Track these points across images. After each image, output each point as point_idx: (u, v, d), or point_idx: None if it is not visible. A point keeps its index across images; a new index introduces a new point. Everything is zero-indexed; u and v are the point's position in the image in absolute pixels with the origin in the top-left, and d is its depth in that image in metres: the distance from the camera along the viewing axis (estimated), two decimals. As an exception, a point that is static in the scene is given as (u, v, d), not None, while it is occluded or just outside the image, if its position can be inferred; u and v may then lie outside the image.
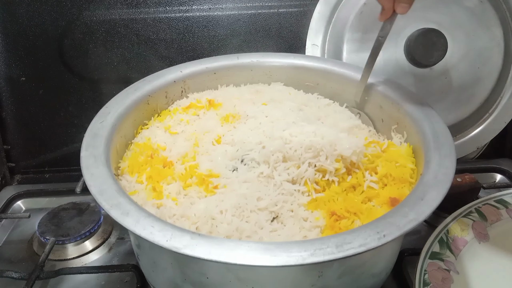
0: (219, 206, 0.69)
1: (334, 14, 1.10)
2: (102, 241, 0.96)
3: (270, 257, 0.54)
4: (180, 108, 0.93)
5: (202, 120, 0.89)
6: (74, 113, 1.18)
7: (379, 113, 0.92)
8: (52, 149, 1.20)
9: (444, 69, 1.05)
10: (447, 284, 0.74)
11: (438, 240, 0.81)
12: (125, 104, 0.86)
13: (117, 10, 1.13)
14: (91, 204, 1.01)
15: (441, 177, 0.67)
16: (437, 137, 0.76)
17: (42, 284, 0.86)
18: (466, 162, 1.19)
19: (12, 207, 1.10)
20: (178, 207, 0.70)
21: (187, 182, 0.75)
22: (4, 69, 1.14)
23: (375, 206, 0.74)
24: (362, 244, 0.56)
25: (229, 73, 1.01)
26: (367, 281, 0.70)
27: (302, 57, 1.05)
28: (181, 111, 0.92)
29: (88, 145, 0.74)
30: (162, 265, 0.69)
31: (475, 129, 1.13)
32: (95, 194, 0.64)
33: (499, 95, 1.11)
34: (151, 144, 0.83)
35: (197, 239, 0.57)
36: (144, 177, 0.76)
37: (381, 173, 0.77)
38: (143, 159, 0.79)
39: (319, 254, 0.55)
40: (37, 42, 1.13)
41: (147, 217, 0.60)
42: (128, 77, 1.15)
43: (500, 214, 0.87)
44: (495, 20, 1.06)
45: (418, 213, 0.60)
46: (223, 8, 1.15)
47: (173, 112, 0.92)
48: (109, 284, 0.86)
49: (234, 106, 0.91)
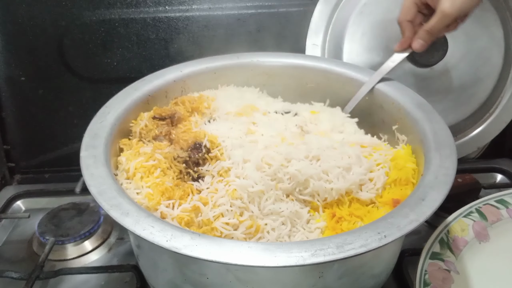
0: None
1: (334, 14, 1.10)
2: (102, 241, 0.96)
3: (270, 258, 0.54)
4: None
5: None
6: (74, 113, 1.18)
7: (379, 113, 0.92)
8: (52, 149, 1.20)
9: (444, 69, 1.05)
10: (448, 284, 0.74)
11: (438, 240, 0.81)
12: (125, 104, 0.85)
13: (117, 10, 1.13)
14: (91, 204, 1.01)
15: (442, 177, 0.66)
16: (437, 137, 0.75)
17: (42, 284, 0.86)
18: (466, 162, 1.19)
19: (12, 207, 1.10)
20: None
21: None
22: (4, 69, 1.14)
23: (377, 207, 0.74)
24: (363, 244, 0.56)
25: (229, 72, 1.00)
26: (367, 282, 0.70)
27: (302, 57, 1.05)
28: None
29: (88, 145, 0.73)
30: (162, 265, 0.69)
31: (475, 129, 1.13)
32: (95, 195, 0.63)
33: (499, 95, 1.11)
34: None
35: (197, 239, 0.56)
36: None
37: (389, 181, 0.77)
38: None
39: (319, 254, 0.54)
40: (37, 42, 1.13)
41: (147, 217, 0.60)
42: (128, 77, 1.15)
43: (500, 214, 0.87)
44: (495, 20, 1.06)
45: (418, 214, 0.60)
46: (223, 8, 1.15)
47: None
48: (109, 284, 0.86)
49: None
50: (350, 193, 0.74)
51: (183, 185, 0.74)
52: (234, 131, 0.82)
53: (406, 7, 0.86)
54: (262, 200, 0.71)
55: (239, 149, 0.77)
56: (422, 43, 0.85)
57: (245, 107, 0.91)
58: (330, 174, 0.74)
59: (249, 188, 0.70)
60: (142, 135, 0.83)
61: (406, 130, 0.85)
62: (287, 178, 0.73)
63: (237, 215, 0.69)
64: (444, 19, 0.82)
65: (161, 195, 0.70)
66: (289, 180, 0.73)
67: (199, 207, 0.69)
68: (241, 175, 0.72)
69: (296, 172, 0.73)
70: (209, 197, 0.70)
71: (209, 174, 0.76)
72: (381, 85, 0.92)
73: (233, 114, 0.89)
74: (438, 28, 0.84)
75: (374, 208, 0.74)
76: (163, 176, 0.74)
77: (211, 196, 0.70)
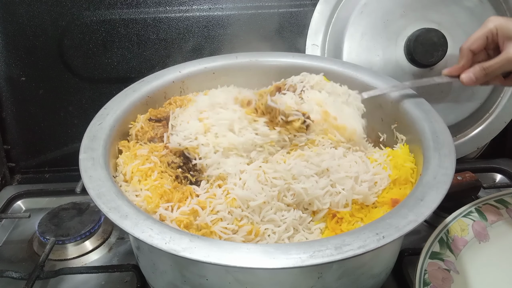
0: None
1: (334, 14, 1.10)
2: (102, 241, 0.97)
3: (269, 259, 0.54)
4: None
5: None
6: (74, 113, 1.18)
7: (378, 112, 0.92)
8: (52, 149, 1.20)
9: (444, 69, 1.05)
10: (447, 284, 0.74)
11: (438, 240, 0.81)
12: (123, 105, 0.85)
13: (117, 10, 1.13)
14: (91, 204, 1.01)
15: (441, 177, 0.67)
16: (436, 136, 0.75)
17: (42, 284, 0.86)
18: (466, 162, 1.19)
19: (12, 207, 1.10)
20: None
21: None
22: (4, 69, 1.14)
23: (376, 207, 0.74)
24: (361, 245, 0.56)
25: (228, 72, 1.00)
26: (367, 282, 0.70)
27: (301, 56, 1.05)
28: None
29: (87, 147, 0.73)
30: (161, 267, 0.69)
31: (475, 129, 1.13)
32: (93, 197, 0.64)
33: (499, 95, 1.10)
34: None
35: (195, 241, 0.57)
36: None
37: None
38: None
39: (318, 256, 0.55)
40: (37, 42, 1.13)
41: (146, 220, 0.60)
42: (128, 77, 1.15)
43: (500, 214, 0.87)
44: (495, 20, 1.06)
45: (417, 214, 0.60)
46: (223, 8, 1.15)
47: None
48: (109, 284, 0.86)
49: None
50: (356, 201, 0.74)
51: (182, 188, 0.74)
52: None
53: (475, 37, 0.80)
54: (263, 211, 0.70)
55: (227, 160, 0.77)
56: (472, 78, 0.80)
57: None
58: (339, 186, 0.73)
59: (251, 203, 0.70)
60: (138, 137, 0.83)
61: (405, 130, 0.85)
62: (291, 194, 0.73)
63: (237, 220, 0.69)
64: (506, 64, 0.77)
65: (160, 197, 0.71)
66: (292, 196, 0.73)
67: (197, 211, 0.69)
68: (238, 184, 0.72)
69: (302, 191, 0.71)
70: (208, 202, 0.70)
71: (205, 179, 0.76)
72: (380, 84, 0.92)
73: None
74: (495, 69, 0.78)
75: (374, 208, 0.74)
76: (161, 178, 0.74)
77: (209, 202, 0.70)
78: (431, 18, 1.04)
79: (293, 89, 0.87)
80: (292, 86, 0.88)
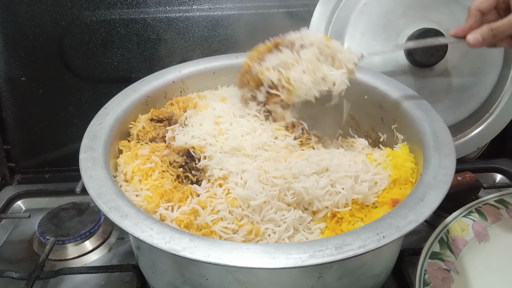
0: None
1: (334, 14, 1.10)
2: (102, 241, 0.97)
3: (269, 259, 0.54)
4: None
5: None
6: (74, 113, 1.18)
7: (378, 112, 0.92)
8: (52, 149, 1.20)
9: (444, 69, 1.05)
10: (447, 284, 0.74)
11: (438, 240, 0.81)
12: (123, 105, 0.85)
13: (117, 10, 1.13)
14: (91, 204, 1.01)
15: (441, 177, 0.66)
16: (437, 137, 0.75)
17: (42, 284, 0.86)
18: (466, 162, 1.19)
19: (12, 207, 1.10)
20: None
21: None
22: (4, 69, 1.14)
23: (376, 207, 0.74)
24: (361, 245, 0.56)
25: (228, 72, 1.00)
26: (367, 282, 0.70)
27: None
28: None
29: (87, 147, 0.73)
30: (161, 267, 0.69)
31: (475, 129, 1.12)
32: (94, 197, 0.63)
33: (499, 95, 1.10)
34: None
35: (196, 241, 0.57)
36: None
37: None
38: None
39: (318, 256, 0.55)
40: (37, 42, 1.13)
41: (146, 220, 0.60)
42: (128, 77, 1.15)
43: (500, 214, 0.87)
44: (495, 19, 1.06)
45: (417, 214, 0.60)
46: (223, 8, 1.15)
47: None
48: (109, 284, 0.86)
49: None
50: (356, 201, 0.74)
51: (182, 188, 0.74)
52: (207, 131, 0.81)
53: None
54: (264, 210, 0.70)
55: (230, 159, 0.76)
56: (479, 39, 0.75)
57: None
58: (338, 185, 0.73)
59: (251, 202, 0.70)
60: (139, 137, 0.83)
61: (405, 130, 0.85)
62: (291, 193, 0.73)
63: (237, 220, 0.69)
64: None
65: (160, 197, 0.70)
66: (292, 195, 0.73)
67: (197, 210, 0.69)
68: (239, 183, 0.72)
69: (302, 190, 0.71)
70: (208, 202, 0.70)
71: (206, 179, 0.76)
72: (380, 84, 0.92)
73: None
74: (503, 30, 0.73)
75: (374, 208, 0.74)
76: (161, 178, 0.74)
77: (210, 201, 0.70)
78: (431, 18, 1.03)
79: (292, 45, 0.87)
80: (291, 42, 0.87)
